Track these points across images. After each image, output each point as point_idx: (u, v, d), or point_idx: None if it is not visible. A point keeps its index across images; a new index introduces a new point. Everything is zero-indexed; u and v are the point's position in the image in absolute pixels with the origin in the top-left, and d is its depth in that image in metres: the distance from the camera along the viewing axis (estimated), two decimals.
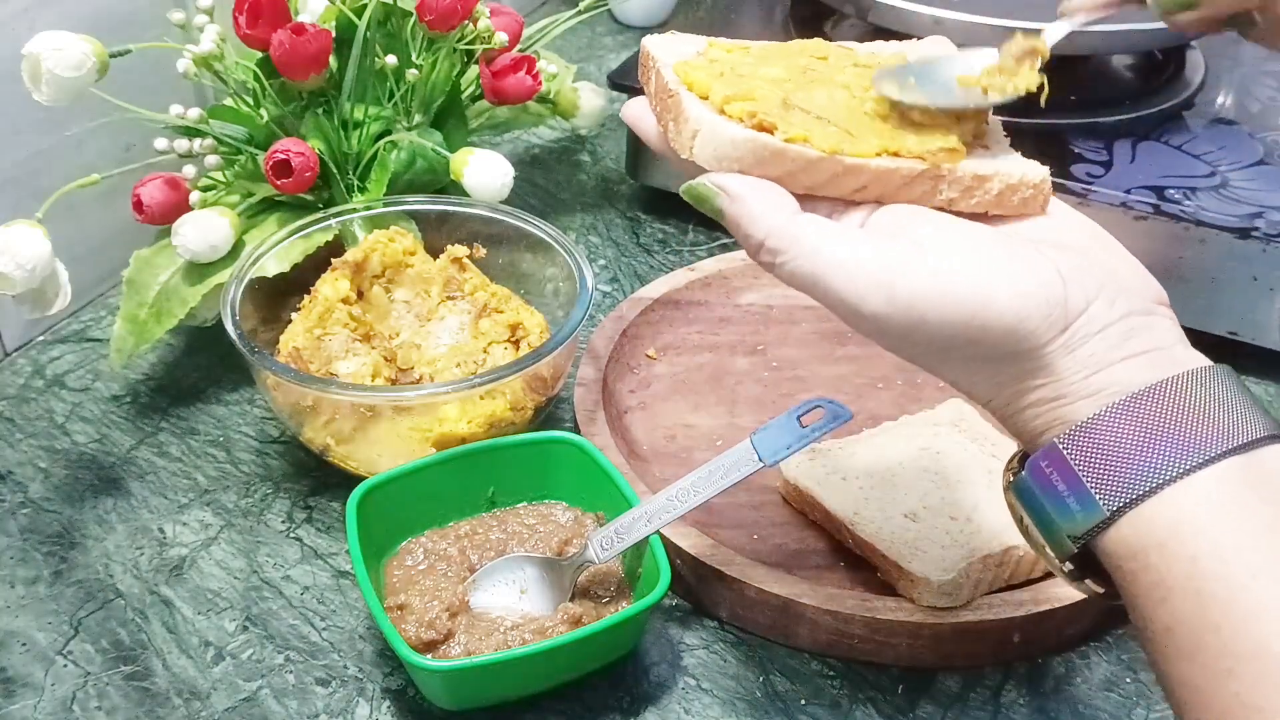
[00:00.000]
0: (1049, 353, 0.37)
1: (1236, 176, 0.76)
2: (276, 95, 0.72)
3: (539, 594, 0.57)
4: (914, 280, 0.37)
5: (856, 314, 0.38)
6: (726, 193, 0.40)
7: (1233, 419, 0.36)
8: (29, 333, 0.77)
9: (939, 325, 0.37)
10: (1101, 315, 0.38)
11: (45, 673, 0.57)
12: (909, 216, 0.40)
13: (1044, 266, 0.38)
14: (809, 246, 0.38)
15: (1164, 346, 0.39)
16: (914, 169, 0.40)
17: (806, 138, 0.40)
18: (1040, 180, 0.41)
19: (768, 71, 0.44)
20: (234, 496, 0.67)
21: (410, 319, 0.71)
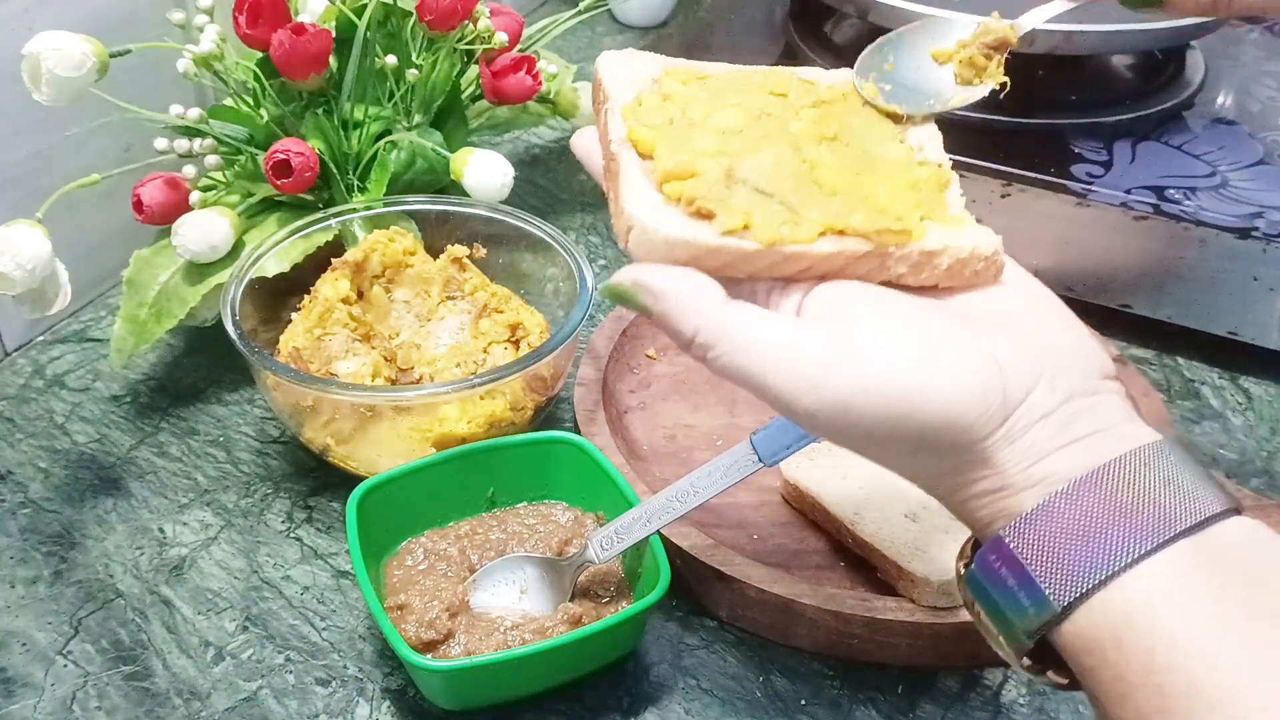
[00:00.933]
0: (988, 446, 0.36)
1: (1236, 176, 0.76)
2: (276, 95, 0.72)
3: (539, 594, 0.57)
4: (846, 377, 0.36)
5: (789, 410, 0.37)
6: (649, 290, 0.38)
7: (1179, 498, 0.35)
8: (29, 333, 0.77)
9: (874, 423, 0.36)
10: (1042, 403, 0.36)
11: (45, 673, 0.57)
12: (847, 297, 0.38)
13: (982, 356, 0.36)
14: (739, 341, 0.37)
15: (1107, 427, 0.37)
16: (859, 250, 0.38)
17: (747, 223, 0.38)
18: (992, 253, 0.39)
19: (721, 118, 0.42)
20: (234, 496, 0.67)
21: (410, 319, 0.71)
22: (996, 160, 0.77)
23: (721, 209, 0.38)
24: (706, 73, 0.45)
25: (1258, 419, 0.73)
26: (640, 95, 0.43)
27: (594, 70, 0.45)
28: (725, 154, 0.40)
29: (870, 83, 0.44)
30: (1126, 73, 0.90)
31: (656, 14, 1.17)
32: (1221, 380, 0.76)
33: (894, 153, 0.42)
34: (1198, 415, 0.74)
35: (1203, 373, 0.77)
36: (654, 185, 0.40)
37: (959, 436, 0.36)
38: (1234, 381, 0.76)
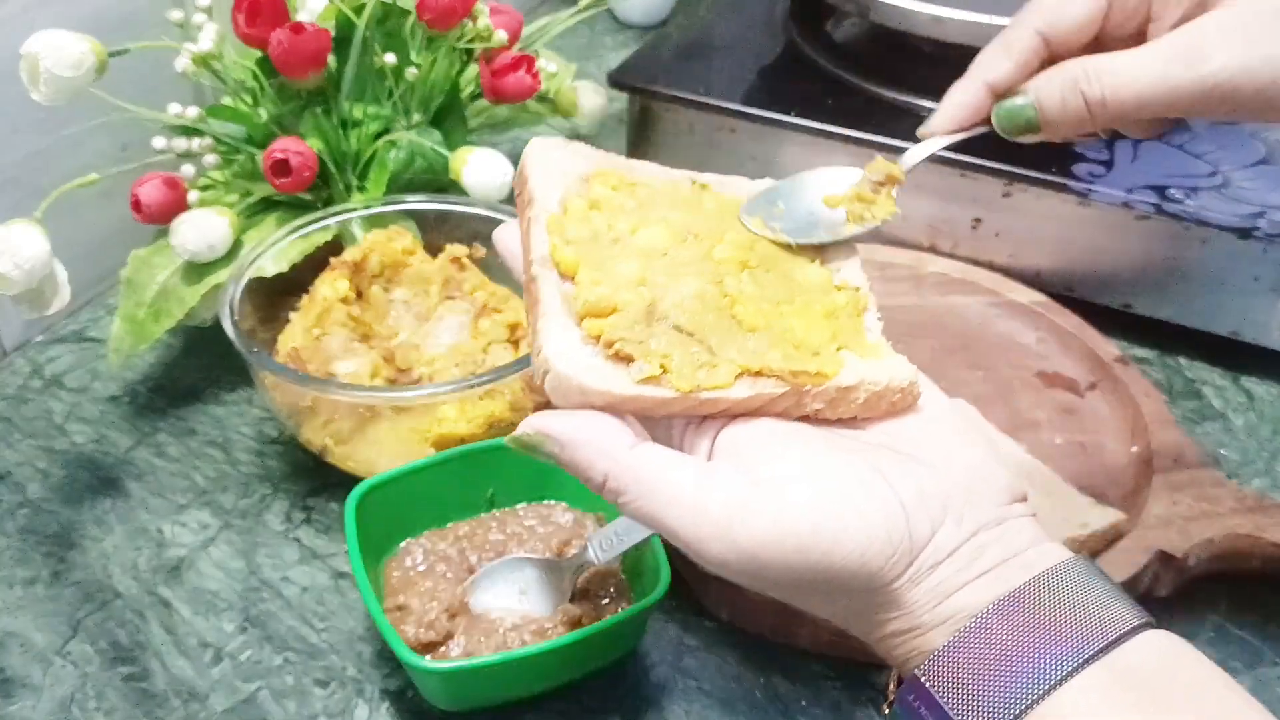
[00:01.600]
0: (896, 588, 0.36)
1: (1238, 176, 0.76)
2: (275, 94, 0.72)
3: (538, 595, 0.57)
4: (754, 527, 0.36)
5: (700, 558, 0.37)
6: (555, 439, 0.37)
7: (1087, 621, 0.35)
8: (27, 332, 0.77)
9: (783, 570, 0.36)
10: (948, 541, 0.36)
11: (44, 673, 0.57)
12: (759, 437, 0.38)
13: (888, 500, 0.36)
14: (647, 487, 0.37)
15: (1014, 554, 0.37)
16: (773, 393, 0.38)
17: (665, 366, 0.38)
18: (908, 384, 0.40)
19: (647, 236, 0.42)
20: (233, 497, 0.66)
21: (409, 319, 0.71)
22: (997, 160, 0.77)
23: (640, 351, 0.38)
24: (638, 176, 0.45)
25: (1259, 419, 0.73)
26: (566, 201, 0.43)
27: (521, 160, 0.44)
28: (647, 283, 0.40)
29: (758, 218, 0.44)
30: None
31: (656, 13, 1.17)
32: (1223, 380, 0.76)
33: (813, 275, 0.43)
34: (1199, 415, 0.74)
35: (1204, 373, 0.77)
36: (573, 316, 0.39)
37: (868, 581, 0.36)
38: (1235, 382, 0.76)
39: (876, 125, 0.80)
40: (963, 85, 0.46)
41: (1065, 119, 0.44)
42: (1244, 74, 0.42)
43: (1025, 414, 0.71)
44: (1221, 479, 0.63)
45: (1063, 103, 0.44)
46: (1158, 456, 0.64)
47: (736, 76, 0.88)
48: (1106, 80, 0.43)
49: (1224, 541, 0.60)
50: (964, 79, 0.46)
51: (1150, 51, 0.43)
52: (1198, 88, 0.42)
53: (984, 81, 0.46)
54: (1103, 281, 0.78)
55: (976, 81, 0.46)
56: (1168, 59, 0.42)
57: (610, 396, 0.38)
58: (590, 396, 0.38)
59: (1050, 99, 0.44)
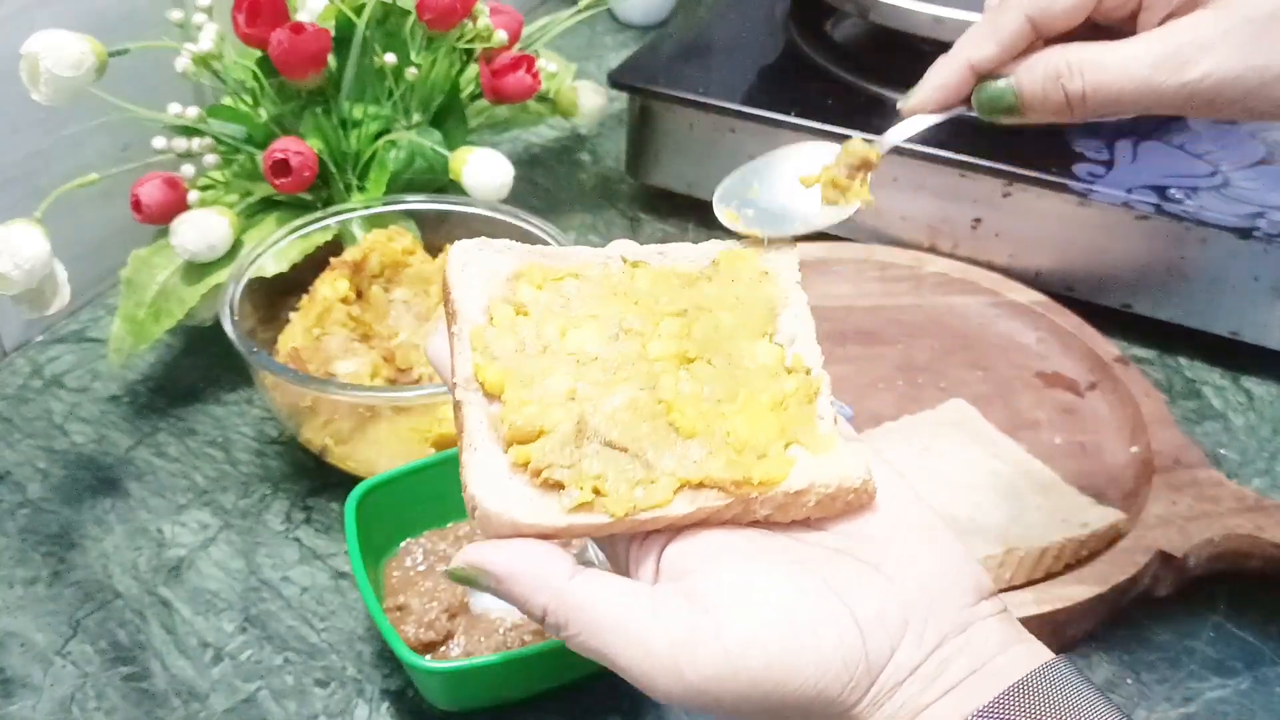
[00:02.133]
0: (858, 713, 0.35)
1: (1238, 176, 0.76)
2: (275, 94, 0.72)
3: None
4: (703, 663, 0.34)
5: (649, 691, 0.35)
6: (490, 574, 0.36)
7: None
8: (27, 332, 0.77)
9: (735, 702, 0.34)
10: (909, 658, 0.35)
11: (44, 673, 0.57)
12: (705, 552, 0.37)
13: (842, 621, 0.35)
14: (589, 620, 0.35)
15: (983, 663, 0.35)
16: (715, 505, 0.36)
17: (599, 489, 0.36)
18: (860, 484, 0.37)
19: (577, 338, 0.40)
20: (233, 497, 0.66)
21: (409, 318, 0.71)
22: (998, 159, 0.77)
23: (570, 478, 0.36)
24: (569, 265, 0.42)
25: (1259, 419, 0.73)
26: (492, 309, 0.40)
27: (444, 268, 0.41)
28: (577, 397, 0.38)
29: (731, 209, 0.44)
30: None
31: (656, 13, 1.17)
32: (1223, 380, 0.76)
33: (763, 356, 0.40)
34: (1199, 416, 0.74)
35: (1204, 373, 0.77)
36: (500, 442, 0.37)
37: (825, 708, 0.35)
38: (1235, 382, 0.76)
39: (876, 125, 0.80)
40: (946, 64, 0.45)
41: (1045, 108, 0.44)
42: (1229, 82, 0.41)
43: (1025, 414, 0.71)
44: (1221, 479, 0.63)
45: (1044, 93, 0.44)
46: (1158, 456, 0.64)
47: (736, 76, 0.88)
48: (1089, 76, 0.42)
49: (1224, 541, 0.60)
50: (947, 58, 0.45)
51: (1136, 50, 0.42)
52: (1181, 93, 0.42)
53: (968, 62, 0.45)
54: (1103, 281, 0.78)
55: (960, 61, 0.45)
56: (1153, 62, 0.42)
57: (544, 529, 0.36)
58: (523, 530, 0.36)
59: (1032, 87, 0.44)
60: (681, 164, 0.87)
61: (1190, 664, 0.58)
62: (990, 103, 0.45)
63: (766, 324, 0.41)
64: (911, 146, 0.77)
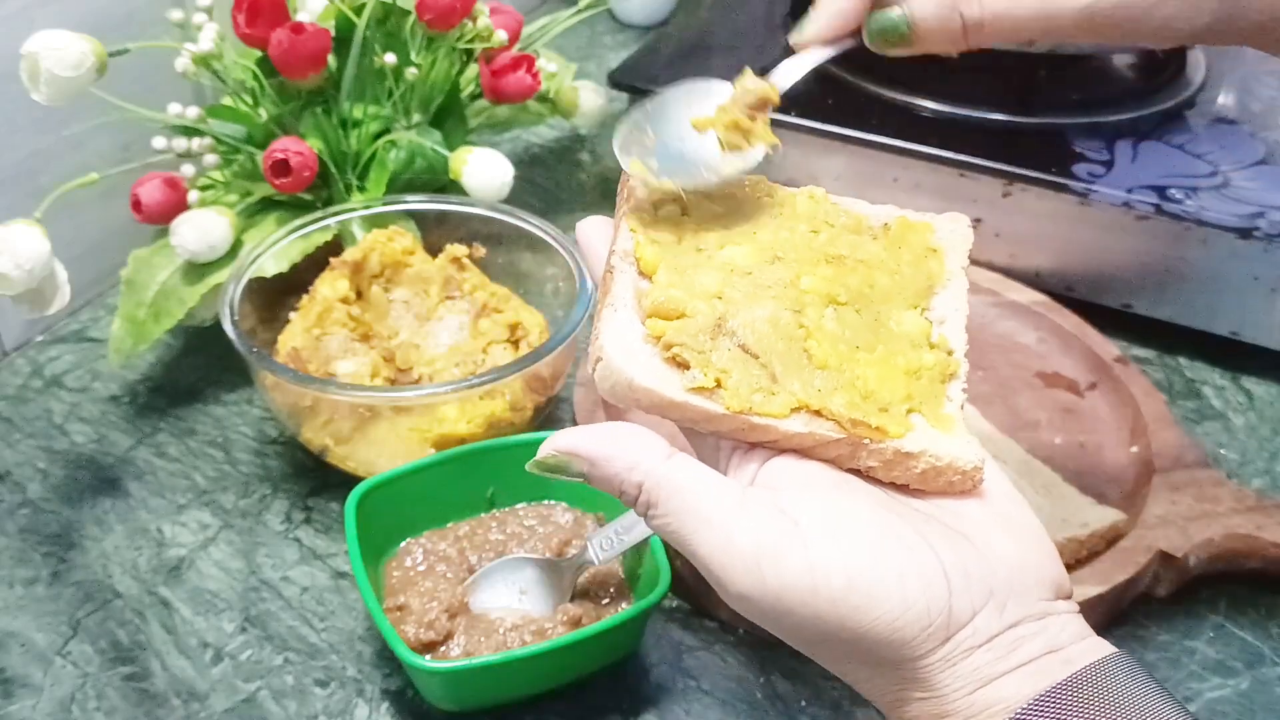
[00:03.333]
0: (927, 665, 0.34)
1: (1238, 176, 0.76)
2: (275, 94, 0.72)
3: (538, 595, 0.57)
4: (786, 570, 0.34)
5: (721, 588, 0.35)
6: (583, 457, 0.36)
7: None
8: (27, 332, 0.77)
9: (809, 618, 0.34)
10: (988, 626, 0.34)
11: (44, 673, 0.57)
12: (806, 478, 0.36)
13: (932, 570, 0.34)
14: (678, 504, 0.35)
15: (1056, 648, 0.35)
16: (827, 436, 0.36)
17: (720, 382, 0.36)
18: (971, 469, 0.37)
19: (732, 253, 0.40)
20: (233, 497, 0.66)
21: (409, 319, 0.71)
22: (998, 160, 0.77)
23: (698, 361, 0.36)
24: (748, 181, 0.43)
25: (1259, 419, 0.73)
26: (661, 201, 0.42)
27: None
28: (723, 298, 0.38)
29: (635, 159, 0.41)
30: (1128, 72, 0.90)
31: (656, 13, 1.17)
32: (1223, 380, 0.76)
33: (909, 325, 0.40)
34: (1199, 415, 0.74)
35: (1204, 373, 0.77)
36: (640, 313, 0.38)
37: (896, 651, 0.34)
38: (1235, 382, 0.76)
39: (876, 125, 0.80)
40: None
41: (940, 37, 0.43)
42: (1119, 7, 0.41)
43: (1025, 414, 0.71)
44: (1221, 479, 0.63)
45: (939, 21, 0.42)
46: (1158, 456, 0.64)
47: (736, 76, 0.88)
48: (987, 4, 0.42)
49: (1224, 541, 0.60)
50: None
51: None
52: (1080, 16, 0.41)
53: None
54: (1103, 281, 0.78)
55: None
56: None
57: (658, 398, 0.36)
58: (638, 394, 0.36)
59: (926, 15, 0.42)
60: None
61: (1190, 664, 0.58)
62: (882, 33, 0.43)
63: (921, 298, 0.41)
64: (911, 147, 0.78)
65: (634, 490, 0.36)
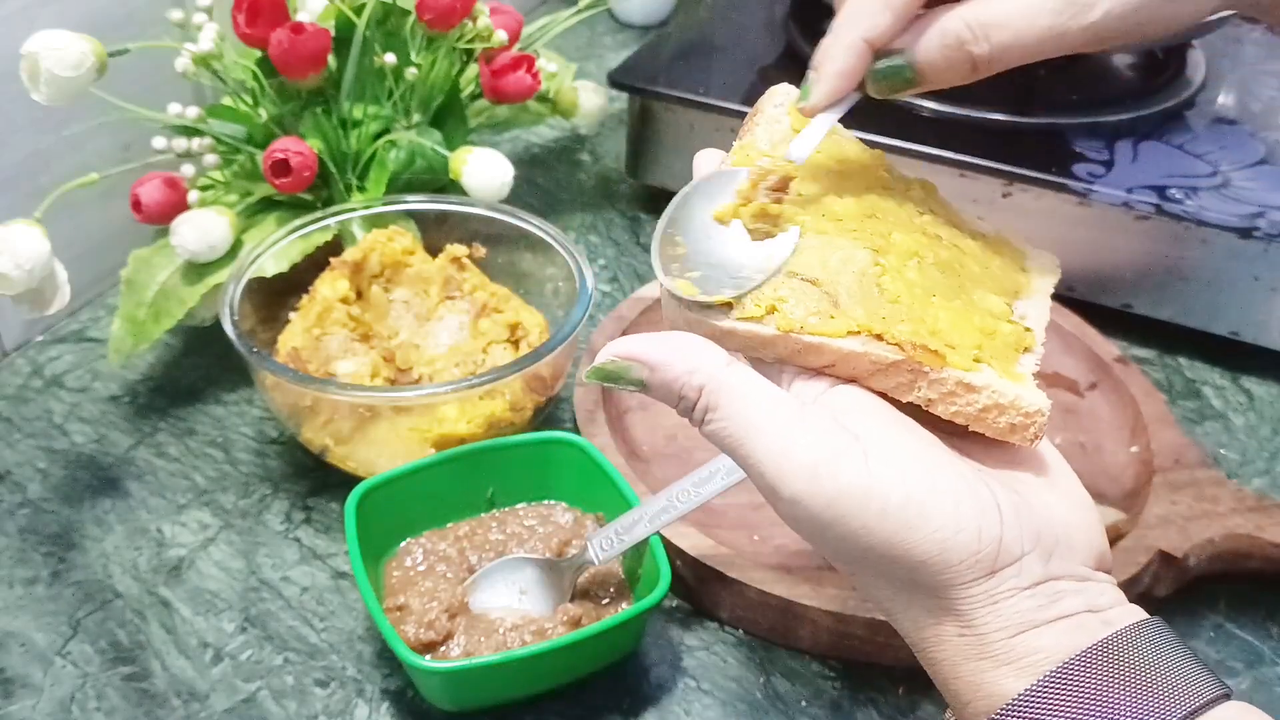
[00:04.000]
0: (970, 597, 0.34)
1: (1238, 176, 0.76)
2: (275, 94, 0.72)
3: (538, 595, 0.57)
4: (844, 474, 0.34)
5: (774, 492, 0.35)
6: (643, 363, 0.36)
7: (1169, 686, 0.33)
8: (27, 332, 0.77)
9: (858, 530, 0.34)
10: (1033, 570, 0.34)
11: (44, 673, 0.57)
12: (866, 404, 0.36)
13: (986, 501, 0.34)
14: (738, 409, 0.35)
15: (1096, 609, 0.35)
16: (885, 358, 0.35)
17: (773, 307, 0.36)
18: (1035, 410, 0.36)
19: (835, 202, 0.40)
20: (232, 497, 0.66)
21: (409, 319, 0.71)
22: (997, 160, 0.77)
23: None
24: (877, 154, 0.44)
25: (1259, 419, 0.73)
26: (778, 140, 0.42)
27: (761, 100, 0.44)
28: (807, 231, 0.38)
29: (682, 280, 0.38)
30: (1128, 72, 0.90)
31: (656, 13, 1.17)
32: (1223, 380, 0.76)
33: (990, 302, 0.40)
34: (1199, 415, 0.74)
35: (1204, 373, 0.77)
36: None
37: (939, 575, 0.34)
38: (1235, 382, 0.76)
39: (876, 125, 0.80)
40: (840, 47, 0.42)
41: (948, 77, 0.42)
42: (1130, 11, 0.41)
43: None
44: (1221, 479, 0.63)
45: (946, 62, 0.41)
46: (1158, 456, 0.65)
47: (736, 76, 0.88)
48: (994, 37, 0.41)
49: (1224, 541, 0.60)
50: (838, 40, 0.42)
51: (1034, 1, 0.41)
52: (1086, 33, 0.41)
53: (863, 39, 0.42)
54: (1103, 281, 0.78)
55: (855, 41, 0.42)
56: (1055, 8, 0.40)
57: (712, 329, 0.37)
58: (692, 325, 0.37)
59: (931, 58, 0.41)
60: (681, 164, 0.87)
61: None
62: (887, 79, 0.42)
63: (1006, 295, 0.41)
64: (911, 147, 0.78)
65: (694, 394, 0.36)
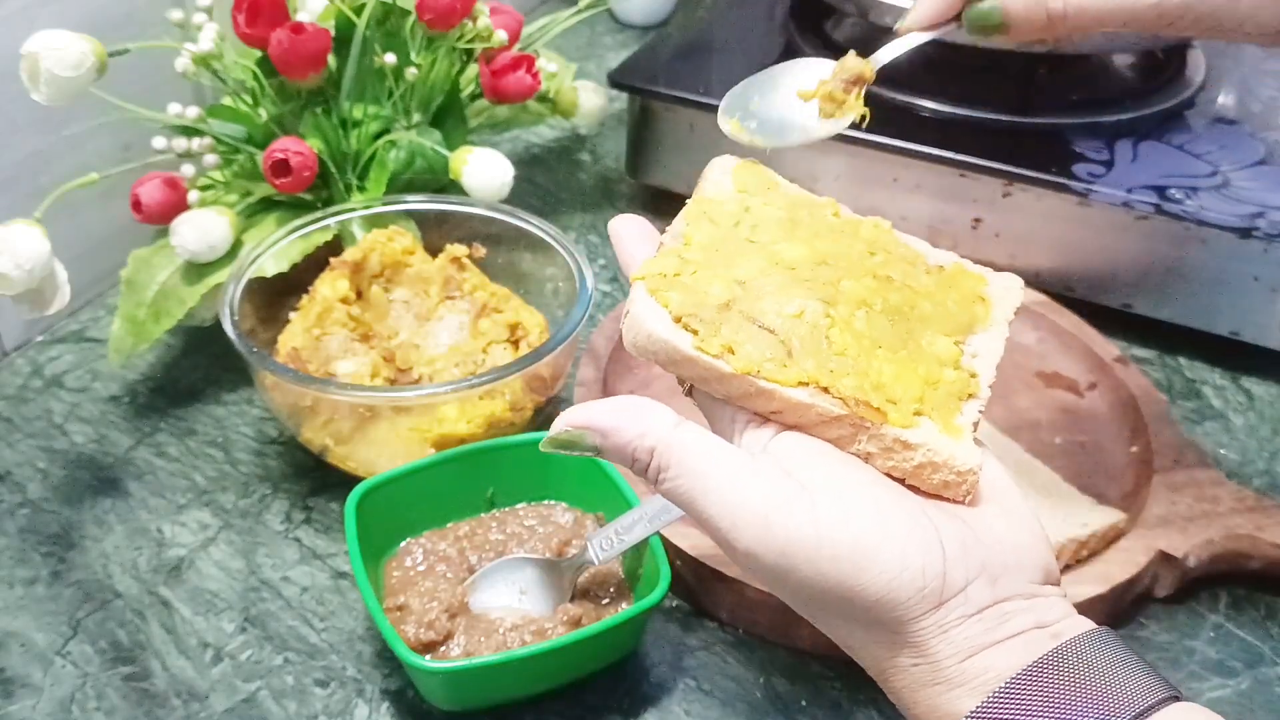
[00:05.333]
0: (921, 630, 0.36)
1: (1238, 176, 0.76)
2: (275, 94, 0.72)
3: (538, 595, 0.57)
4: (792, 525, 0.35)
5: (729, 546, 0.36)
6: (595, 430, 0.38)
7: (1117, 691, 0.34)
8: (27, 332, 0.77)
9: (813, 576, 0.35)
10: (979, 597, 0.36)
11: (44, 673, 0.57)
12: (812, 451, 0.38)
13: (928, 537, 0.36)
14: (691, 466, 0.37)
15: (1045, 624, 0.36)
16: (830, 411, 0.37)
17: (730, 348, 0.38)
18: (967, 470, 0.38)
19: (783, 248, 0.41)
20: (232, 497, 0.66)
21: (409, 319, 0.71)
22: (998, 160, 0.77)
23: (707, 332, 0.38)
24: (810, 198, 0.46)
25: (1259, 419, 0.73)
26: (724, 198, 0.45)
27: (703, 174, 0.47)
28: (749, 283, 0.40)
29: (734, 120, 0.47)
30: (1128, 72, 0.90)
31: (656, 13, 1.17)
32: (1223, 380, 0.76)
33: (939, 347, 0.41)
34: (1199, 416, 0.74)
35: (1204, 373, 0.77)
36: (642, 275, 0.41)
37: (890, 611, 0.35)
38: (1235, 382, 0.76)
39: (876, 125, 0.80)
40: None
41: (1029, 25, 0.48)
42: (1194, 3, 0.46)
43: (1025, 414, 0.71)
44: (1221, 479, 0.63)
45: (1026, 11, 0.48)
46: (1158, 456, 0.64)
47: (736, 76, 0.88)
48: None
49: (1224, 541, 0.60)
50: None
51: None
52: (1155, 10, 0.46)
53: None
54: (1103, 281, 0.78)
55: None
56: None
57: (673, 351, 0.38)
58: (655, 346, 0.38)
59: (1015, 6, 0.48)
60: (681, 164, 0.87)
61: (1190, 664, 0.58)
62: (979, 19, 0.49)
63: (959, 333, 0.42)
64: (911, 147, 0.78)
65: (646, 456, 0.37)
